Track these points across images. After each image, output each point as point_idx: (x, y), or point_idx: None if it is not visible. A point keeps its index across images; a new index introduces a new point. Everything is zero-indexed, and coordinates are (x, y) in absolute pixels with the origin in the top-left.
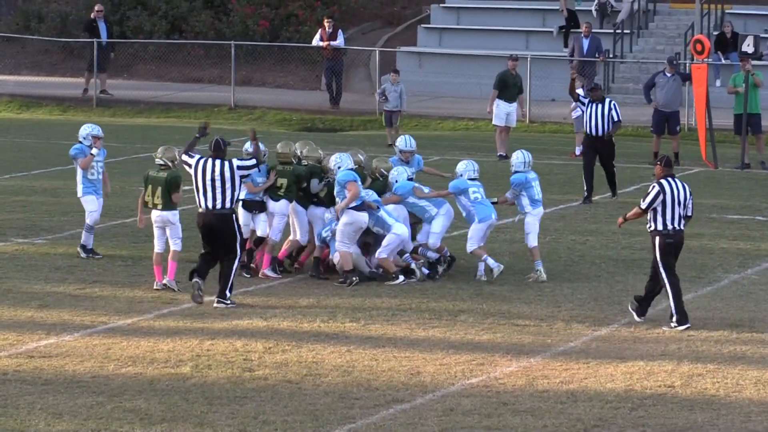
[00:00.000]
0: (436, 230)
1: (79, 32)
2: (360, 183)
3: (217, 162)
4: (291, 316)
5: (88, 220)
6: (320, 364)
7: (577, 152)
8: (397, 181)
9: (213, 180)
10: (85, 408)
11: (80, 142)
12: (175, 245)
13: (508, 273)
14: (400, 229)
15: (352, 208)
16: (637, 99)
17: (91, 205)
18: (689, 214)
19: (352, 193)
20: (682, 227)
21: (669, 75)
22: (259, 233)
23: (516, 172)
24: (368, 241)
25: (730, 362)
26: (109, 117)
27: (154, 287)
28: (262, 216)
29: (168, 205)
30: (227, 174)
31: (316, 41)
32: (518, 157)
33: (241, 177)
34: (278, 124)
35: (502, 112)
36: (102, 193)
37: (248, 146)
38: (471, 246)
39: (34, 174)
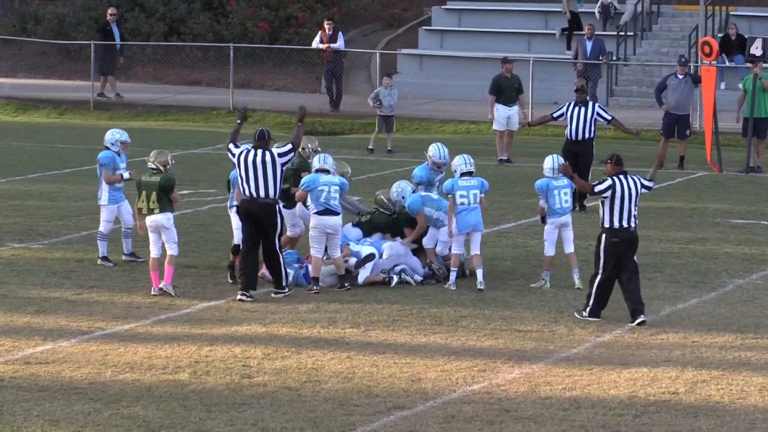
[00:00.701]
0: (444, 238)
1: (77, 34)
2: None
3: (259, 152)
4: (290, 322)
5: (102, 228)
6: (320, 370)
7: None
8: (403, 197)
9: (255, 169)
10: (82, 415)
11: (107, 148)
12: (171, 249)
13: (509, 278)
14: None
15: (317, 213)
16: (641, 102)
17: (110, 215)
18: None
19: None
20: (632, 225)
21: (680, 77)
22: (236, 240)
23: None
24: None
25: (734, 368)
26: (106, 120)
27: (152, 293)
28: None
29: (164, 208)
30: (269, 163)
31: (315, 43)
32: (546, 162)
33: (282, 165)
34: (278, 127)
35: (502, 116)
36: (124, 197)
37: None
38: (453, 249)
39: (31, 178)
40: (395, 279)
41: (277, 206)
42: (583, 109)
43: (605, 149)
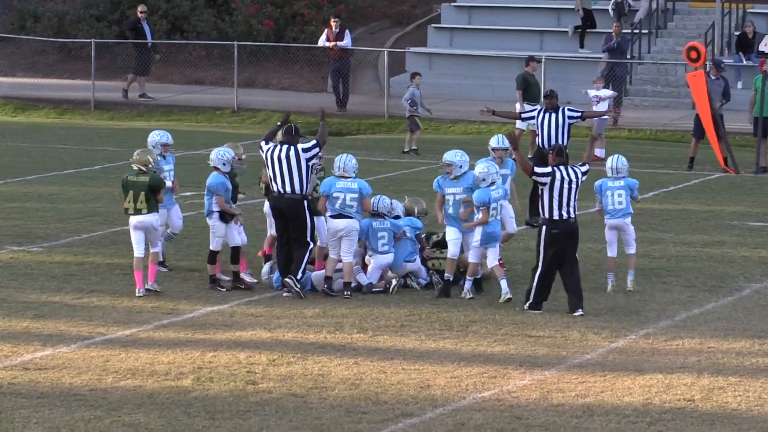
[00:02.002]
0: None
1: (77, 32)
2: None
3: (284, 147)
4: (296, 327)
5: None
6: (326, 376)
7: (597, 153)
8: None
9: (281, 165)
10: (83, 422)
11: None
12: (155, 247)
13: (521, 282)
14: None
15: (330, 216)
16: (656, 102)
17: (161, 219)
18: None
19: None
20: (572, 216)
21: (714, 78)
22: (232, 243)
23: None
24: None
25: (752, 375)
26: (107, 120)
27: (137, 294)
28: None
29: (152, 208)
30: (293, 158)
31: (322, 41)
32: (607, 162)
33: (307, 161)
34: None
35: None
36: (174, 201)
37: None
38: (470, 259)
39: (30, 179)
40: (394, 282)
41: (304, 202)
42: (554, 115)
43: (618, 149)
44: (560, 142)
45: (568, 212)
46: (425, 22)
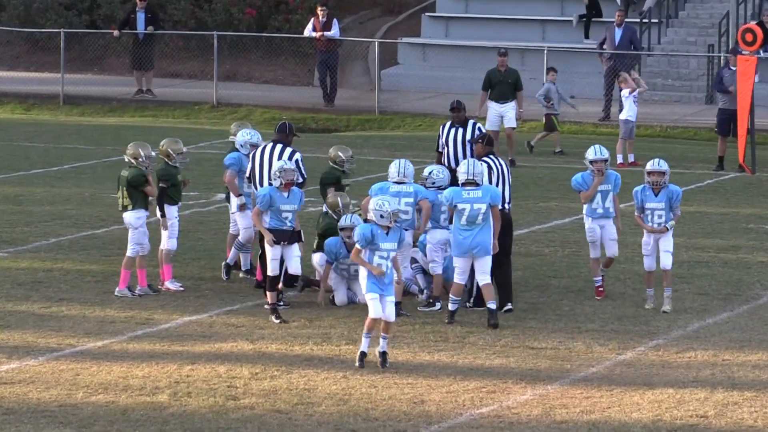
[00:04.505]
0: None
1: (45, 21)
2: None
3: (278, 147)
4: (280, 338)
5: (242, 238)
6: (313, 391)
7: (632, 159)
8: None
9: (265, 164)
10: None
11: (236, 150)
12: (130, 250)
13: (522, 290)
14: None
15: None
16: (666, 96)
17: (246, 221)
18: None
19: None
20: (506, 207)
21: (734, 69)
22: (291, 270)
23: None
24: None
25: None
26: (77, 116)
27: (138, 293)
28: (296, 249)
29: (136, 205)
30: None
31: (308, 31)
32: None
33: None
34: (266, 124)
35: (493, 114)
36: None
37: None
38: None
39: None
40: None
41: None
42: (461, 130)
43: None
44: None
45: (503, 203)
46: (419, 11)
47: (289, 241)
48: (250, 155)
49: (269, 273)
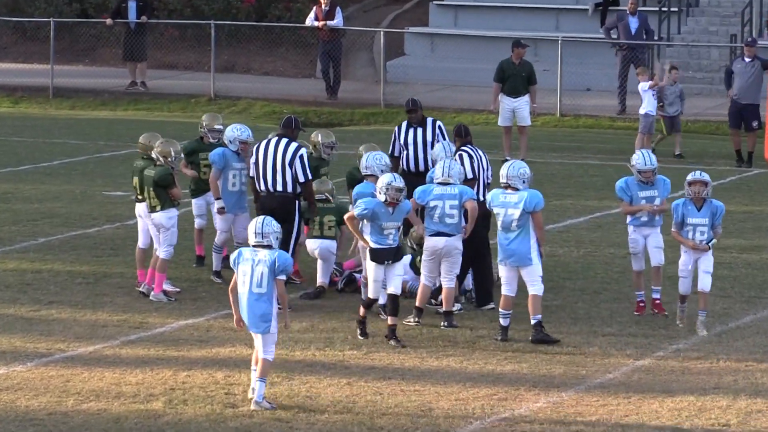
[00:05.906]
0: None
1: (33, 10)
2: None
3: (282, 141)
4: (281, 343)
5: (218, 240)
6: (315, 398)
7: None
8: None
9: (274, 160)
10: None
11: (224, 146)
12: (163, 252)
13: (522, 296)
14: None
15: (429, 235)
16: (686, 88)
17: (225, 224)
18: (490, 181)
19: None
20: (482, 198)
21: (747, 60)
22: (390, 290)
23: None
24: None
25: None
26: (68, 110)
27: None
28: (399, 268)
29: (166, 203)
30: (289, 154)
31: (310, 21)
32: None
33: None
34: (266, 118)
35: (506, 109)
36: (245, 207)
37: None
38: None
39: None
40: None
41: (296, 202)
42: (420, 130)
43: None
44: (427, 164)
45: (483, 193)
46: None
47: (393, 259)
48: (254, 148)
49: (370, 295)
